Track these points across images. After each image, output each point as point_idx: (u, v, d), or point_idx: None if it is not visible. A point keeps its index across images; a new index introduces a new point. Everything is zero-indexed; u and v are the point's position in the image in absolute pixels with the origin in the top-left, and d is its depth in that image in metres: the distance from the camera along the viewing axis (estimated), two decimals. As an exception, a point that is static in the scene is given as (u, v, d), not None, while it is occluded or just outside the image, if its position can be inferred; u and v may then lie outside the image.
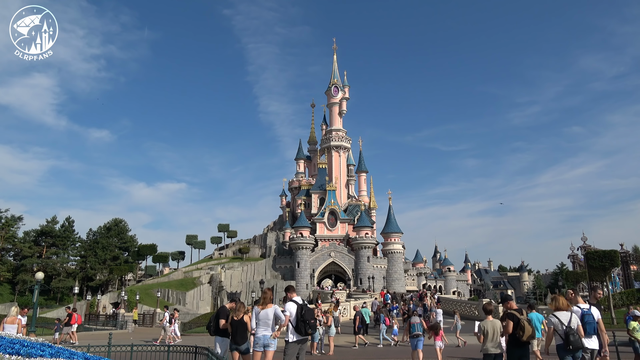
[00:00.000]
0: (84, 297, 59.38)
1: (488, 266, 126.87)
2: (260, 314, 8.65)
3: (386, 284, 69.25)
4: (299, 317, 8.58)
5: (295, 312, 8.68)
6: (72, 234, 78.50)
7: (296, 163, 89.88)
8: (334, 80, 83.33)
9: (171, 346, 11.10)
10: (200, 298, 66.61)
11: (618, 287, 43.35)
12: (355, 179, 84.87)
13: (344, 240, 72.13)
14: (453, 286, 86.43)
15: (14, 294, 66.99)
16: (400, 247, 73.32)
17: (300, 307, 8.68)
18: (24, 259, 69.68)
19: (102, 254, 74.95)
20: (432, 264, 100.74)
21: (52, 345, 3.45)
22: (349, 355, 17.56)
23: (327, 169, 79.94)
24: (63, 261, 75.31)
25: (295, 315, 8.66)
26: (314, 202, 77.48)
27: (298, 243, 69.26)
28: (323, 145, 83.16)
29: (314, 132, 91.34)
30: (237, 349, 9.51)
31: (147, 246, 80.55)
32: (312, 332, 8.68)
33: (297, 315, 8.60)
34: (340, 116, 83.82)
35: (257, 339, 8.54)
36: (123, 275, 74.33)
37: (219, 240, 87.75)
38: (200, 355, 10.38)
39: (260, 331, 8.56)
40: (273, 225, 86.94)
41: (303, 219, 72.23)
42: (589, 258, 30.71)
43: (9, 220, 69.77)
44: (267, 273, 71.83)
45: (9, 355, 2.75)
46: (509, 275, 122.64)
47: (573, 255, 52.26)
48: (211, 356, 8.96)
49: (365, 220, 70.98)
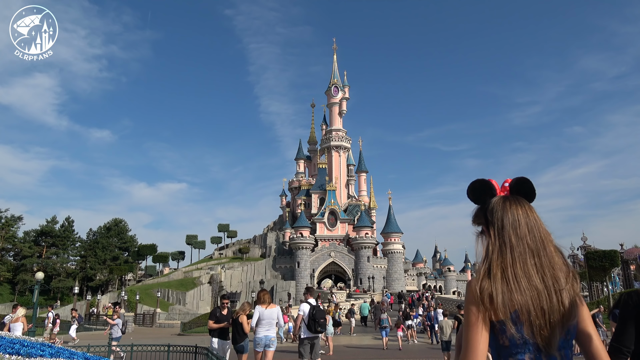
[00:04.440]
0: (84, 297, 59.37)
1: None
2: (264, 314, 8.69)
3: (386, 284, 69.25)
4: (311, 316, 9.23)
5: (307, 311, 9.34)
6: (72, 234, 78.50)
7: (296, 163, 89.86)
8: (334, 80, 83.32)
9: (172, 346, 11.09)
10: (200, 298, 66.60)
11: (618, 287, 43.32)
12: (355, 179, 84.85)
13: (344, 240, 72.12)
14: (453, 286, 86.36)
15: (14, 294, 67.00)
16: (400, 247, 73.32)
17: (312, 307, 9.35)
18: (24, 259, 69.69)
19: (102, 254, 74.94)
20: (432, 264, 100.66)
21: (52, 345, 3.44)
22: (349, 355, 17.57)
23: (327, 169, 79.93)
24: (63, 261, 75.32)
25: (307, 315, 9.31)
26: (314, 202, 77.46)
27: (298, 243, 69.24)
28: (323, 145, 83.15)
29: (314, 132, 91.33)
30: (235, 348, 9.61)
31: (147, 246, 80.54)
32: (322, 330, 9.46)
33: (310, 315, 9.26)
34: (340, 116, 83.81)
35: (259, 339, 8.57)
36: (123, 275, 74.30)
37: (219, 240, 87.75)
38: (200, 355, 10.38)
39: (261, 331, 8.59)
40: (273, 225, 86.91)
41: (303, 219, 72.22)
42: (589, 258, 30.73)
43: (9, 220, 69.78)
44: (267, 273, 71.81)
45: (9, 355, 2.75)
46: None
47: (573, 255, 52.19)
48: (211, 356, 8.96)
49: (365, 220, 70.98)
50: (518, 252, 1.65)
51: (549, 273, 1.63)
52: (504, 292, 1.59)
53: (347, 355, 17.54)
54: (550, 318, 1.57)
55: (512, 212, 1.71)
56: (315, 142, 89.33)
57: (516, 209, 1.72)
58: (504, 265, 1.64)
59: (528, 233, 1.68)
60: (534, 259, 1.65)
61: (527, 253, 1.65)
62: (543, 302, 1.58)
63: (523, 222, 1.69)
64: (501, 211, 1.72)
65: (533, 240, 1.67)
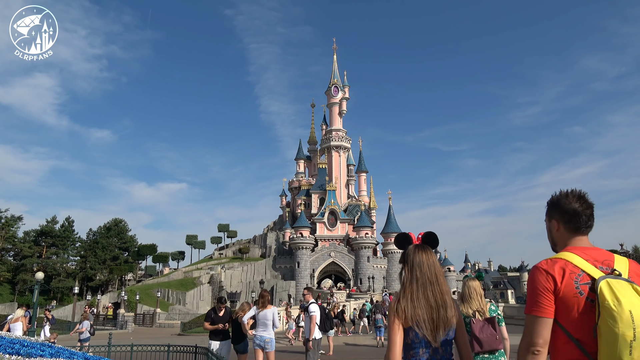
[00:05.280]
0: (83, 297, 59.39)
1: (488, 266, 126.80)
2: (259, 315, 8.88)
3: (386, 284, 69.27)
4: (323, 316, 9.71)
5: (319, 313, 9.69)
6: (72, 234, 78.48)
7: (296, 163, 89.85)
8: (334, 80, 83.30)
9: (172, 346, 11.09)
10: (200, 298, 66.59)
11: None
12: (355, 179, 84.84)
13: (344, 240, 72.12)
14: (453, 286, 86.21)
15: (14, 294, 67.00)
16: (400, 247, 73.28)
17: (322, 308, 9.90)
18: (24, 259, 69.67)
19: (102, 254, 74.91)
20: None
21: (52, 345, 3.44)
22: (349, 355, 17.56)
23: (327, 169, 79.91)
24: (63, 261, 75.29)
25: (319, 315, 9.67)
26: (314, 202, 77.45)
27: (298, 243, 69.24)
28: (323, 145, 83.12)
29: (314, 132, 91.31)
30: (235, 348, 9.63)
31: (147, 246, 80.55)
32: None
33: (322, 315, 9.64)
34: (340, 116, 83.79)
35: (255, 338, 8.90)
36: (123, 275, 74.34)
37: (219, 240, 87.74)
38: (200, 355, 10.38)
39: (257, 331, 8.92)
40: (273, 225, 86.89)
41: (303, 219, 72.22)
42: (589, 258, 30.76)
43: (9, 220, 69.77)
44: (267, 273, 71.80)
45: (9, 355, 2.75)
46: (509, 275, 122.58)
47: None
48: (211, 356, 8.97)
49: (365, 220, 70.97)
50: (421, 282, 2.65)
51: (439, 296, 2.63)
52: (410, 309, 2.59)
53: (348, 355, 17.53)
54: (437, 325, 2.58)
55: (418, 256, 2.71)
56: (315, 142, 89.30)
57: (421, 253, 2.72)
58: (412, 290, 2.65)
59: (428, 270, 2.68)
60: (431, 286, 2.65)
61: (426, 283, 2.65)
62: (433, 314, 2.59)
63: (425, 263, 2.69)
64: (412, 255, 2.73)
65: (430, 275, 2.67)
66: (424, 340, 2.56)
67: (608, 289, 2.02)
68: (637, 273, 2.17)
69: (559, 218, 2.41)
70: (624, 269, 2.14)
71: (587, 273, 2.13)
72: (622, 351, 1.92)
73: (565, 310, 2.12)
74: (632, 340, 1.91)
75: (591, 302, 2.07)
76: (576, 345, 2.10)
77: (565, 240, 2.38)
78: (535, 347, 2.14)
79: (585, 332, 2.07)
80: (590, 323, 2.05)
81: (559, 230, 2.42)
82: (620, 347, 1.93)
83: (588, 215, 2.37)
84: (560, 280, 2.14)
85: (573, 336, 2.11)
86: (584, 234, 2.39)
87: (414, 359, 2.60)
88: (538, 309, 2.16)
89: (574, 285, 2.11)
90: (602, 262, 2.19)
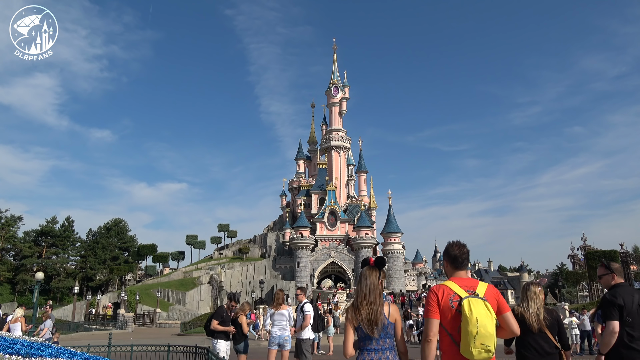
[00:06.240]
0: (83, 297, 59.37)
1: (488, 266, 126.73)
2: (276, 315, 9.09)
3: (386, 284, 69.26)
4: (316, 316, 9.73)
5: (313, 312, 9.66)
6: (72, 234, 78.45)
7: (296, 163, 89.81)
8: (334, 80, 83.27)
9: (172, 346, 11.09)
10: (200, 298, 66.58)
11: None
12: (355, 179, 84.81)
13: (344, 240, 72.12)
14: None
15: (14, 294, 67.00)
16: (400, 247, 73.29)
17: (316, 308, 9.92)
18: (24, 259, 69.64)
19: (102, 254, 74.88)
20: (432, 264, 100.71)
21: (52, 345, 3.44)
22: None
23: (327, 169, 79.90)
24: (63, 261, 75.26)
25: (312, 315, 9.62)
26: (314, 202, 77.44)
27: (298, 243, 69.23)
28: (323, 145, 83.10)
29: (314, 132, 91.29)
30: (235, 348, 9.60)
31: (147, 246, 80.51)
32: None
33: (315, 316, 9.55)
34: (340, 116, 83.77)
35: (273, 338, 9.04)
36: (123, 275, 74.29)
37: (219, 240, 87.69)
38: (200, 355, 10.37)
39: (275, 331, 9.05)
40: (273, 225, 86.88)
41: (303, 219, 72.21)
42: (589, 258, 30.77)
43: (9, 220, 69.73)
44: (267, 273, 71.81)
45: (9, 355, 2.75)
46: (509, 275, 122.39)
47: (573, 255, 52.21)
48: (211, 356, 8.97)
49: (365, 220, 70.97)
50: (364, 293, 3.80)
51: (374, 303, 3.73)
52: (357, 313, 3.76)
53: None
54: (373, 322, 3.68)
55: (367, 274, 3.88)
56: (315, 142, 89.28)
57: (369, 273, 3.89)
58: (359, 299, 3.80)
59: (371, 284, 3.82)
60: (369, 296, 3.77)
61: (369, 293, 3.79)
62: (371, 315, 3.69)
63: (369, 279, 3.85)
64: (363, 274, 3.91)
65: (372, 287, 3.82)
66: (367, 334, 3.69)
67: (467, 304, 3.39)
68: (490, 294, 3.56)
69: (447, 259, 3.83)
70: (482, 292, 3.53)
71: (458, 294, 3.50)
72: (470, 341, 3.32)
73: (444, 316, 3.53)
74: (475, 335, 3.29)
75: (458, 311, 3.43)
76: (450, 338, 3.51)
77: (450, 273, 3.77)
78: (428, 337, 3.52)
79: (454, 329, 3.46)
80: (457, 324, 3.43)
81: (447, 267, 3.84)
82: (469, 339, 3.32)
83: (464, 259, 3.74)
84: (441, 297, 3.56)
85: (449, 332, 3.51)
86: (462, 269, 3.76)
87: (365, 347, 3.72)
88: (430, 314, 3.56)
89: (449, 301, 3.51)
90: (470, 287, 3.55)
